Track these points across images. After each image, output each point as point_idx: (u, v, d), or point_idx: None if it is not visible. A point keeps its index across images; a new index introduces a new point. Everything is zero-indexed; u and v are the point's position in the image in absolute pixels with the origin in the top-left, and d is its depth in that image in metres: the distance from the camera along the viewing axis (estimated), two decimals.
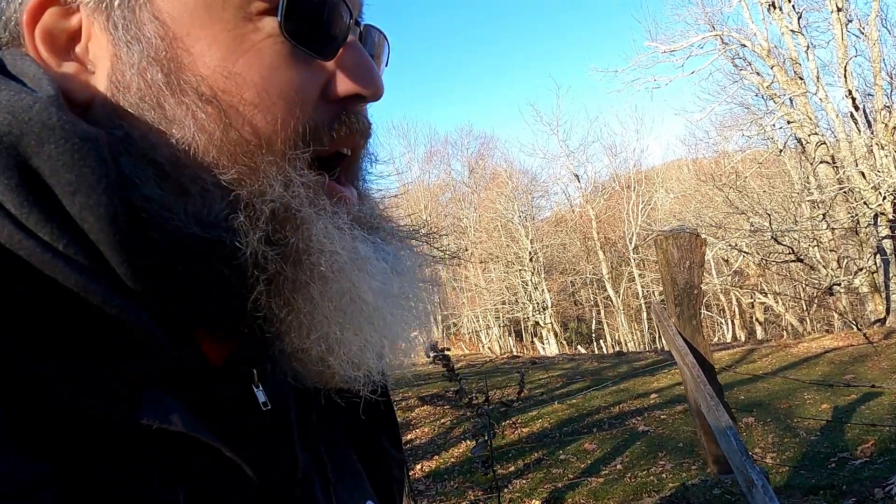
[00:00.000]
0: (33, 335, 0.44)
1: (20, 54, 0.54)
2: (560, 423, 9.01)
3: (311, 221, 0.54)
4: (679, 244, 3.93)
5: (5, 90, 0.46)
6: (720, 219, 21.95)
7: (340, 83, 0.58)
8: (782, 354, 12.67)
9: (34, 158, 0.45)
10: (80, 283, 0.45)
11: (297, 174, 0.54)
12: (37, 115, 0.45)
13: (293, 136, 0.54)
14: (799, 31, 16.99)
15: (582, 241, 39.21)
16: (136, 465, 0.46)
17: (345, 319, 0.55)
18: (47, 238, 0.45)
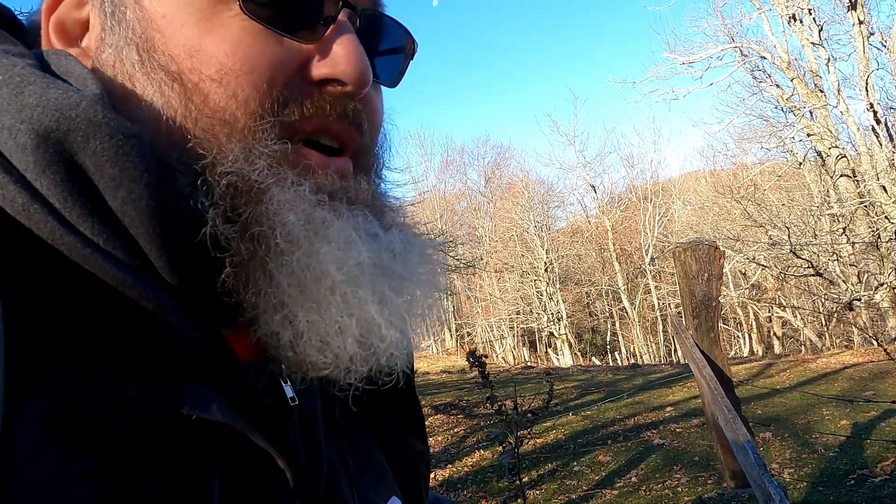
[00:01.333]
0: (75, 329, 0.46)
1: (64, 54, 0.56)
2: (574, 434, 8.96)
3: (267, 191, 0.53)
4: (697, 256, 3.92)
5: (54, 89, 0.48)
6: (738, 231, 21.75)
7: (316, 66, 0.57)
8: (801, 369, 12.51)
9: (80, 154, 0.47)
10: (119, 278, 0.46)
11: (257, 144, 0.53)
12: (83, 112, 0.47)
13: (257, 109, 0.54)
14: (820, 44, 16.86)
15: (598, 252, 39.01)
16: (176, 453, 0.48)
17: (305, 296, 0.53)
18: (88, 233, 0.46)
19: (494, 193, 43.78)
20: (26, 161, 0.46)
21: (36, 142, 0.46)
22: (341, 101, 0.58)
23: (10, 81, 0.48)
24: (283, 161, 0.54)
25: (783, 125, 19.11)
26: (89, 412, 0.44)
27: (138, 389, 0.46)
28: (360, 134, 0.61)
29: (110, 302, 0.47)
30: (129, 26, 0.56)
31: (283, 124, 0.56)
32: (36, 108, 0.47)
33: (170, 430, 0.47)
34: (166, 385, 0.48)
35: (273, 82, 0.55)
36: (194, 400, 0.48)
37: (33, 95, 0.47)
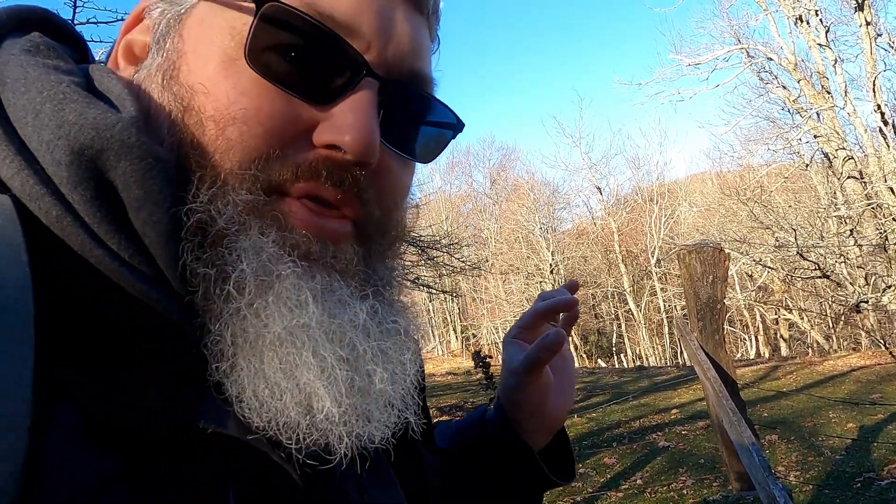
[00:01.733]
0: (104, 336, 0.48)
1: (107, 71, 0.59)
2: (580, 436, 8.95)
3: (228, 237, 0.53)
4: (702, 258, 3.91)
5: (93, 109, 0.50)
6: (744, 233, 21.68)
7: (321, 130, 0.57)
8: (807, 372, 12.46)
9: (111, 172, 0.49)
10: (144, 291, 0.49)
11: (231, 192, 0.53)
12: (118, 133, 0.49)
13: (244, 160, 0.54)
14: (826, 45, 16.79)
15: (603, 254, 38.95)
16: (193, 462, 0.49)
17: (249, 349, 0.52)
18: (115, 247, 0.49)
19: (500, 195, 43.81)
20: (61, 175, 0.49)
21: (71, 158, 0.48)
22: (340, 169, 0.57)
23: (54, 98, 0.51)
24: (253, 212, 0.54)
25: (790, 127, 19.05)
26: (108, 418, 0.46)
27: (158, 399, 0.48)
28: (361, 204, 0.60)
29: (135, 312, 0.49)
30: (165, 54, 0.59)
31: (269, 181, 0.55)
32: (74, 126, 0.49)
33: (187, 440, 0.49)
34: (185, 396, 0.50)
35: (269, 139, 0.55)
36: (210, 413, 0.50)
37: (73, 113, 0.50)
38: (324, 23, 0.56)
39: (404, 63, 0.62)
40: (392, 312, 0.62)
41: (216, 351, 0.52)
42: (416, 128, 0.67)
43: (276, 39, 0.55)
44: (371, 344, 0.57)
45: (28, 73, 0.53)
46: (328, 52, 0.57)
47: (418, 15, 0.65)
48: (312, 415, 0.53)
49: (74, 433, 0.44)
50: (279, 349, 0.52)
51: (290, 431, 0.52)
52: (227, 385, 0.51)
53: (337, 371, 0.54)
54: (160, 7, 0.62)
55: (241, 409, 0.51)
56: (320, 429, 0.53)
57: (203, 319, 0.52)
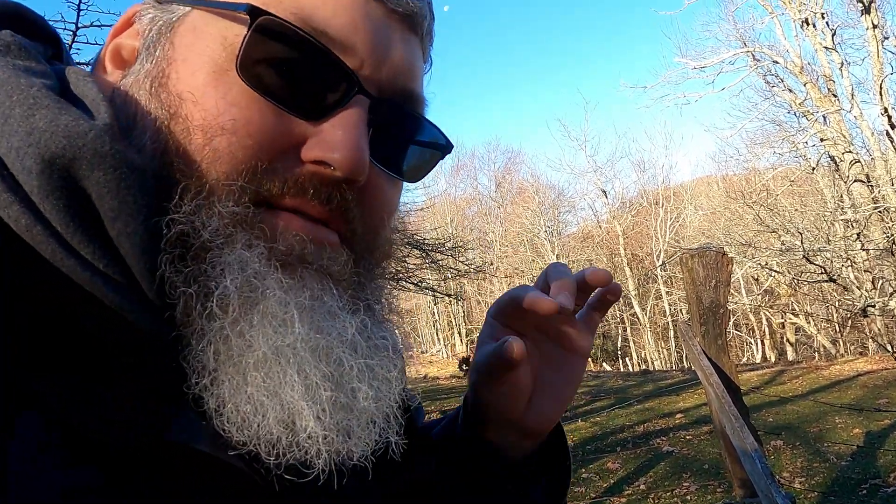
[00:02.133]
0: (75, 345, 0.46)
1: (83, 75, 0.58)
2: (583, 440, 8.91)
3: (212, 250, 0.52)
4: (705, 263, 3.88)
5: (65, 115, 0.49)
6: (750, 237, 21.60)
7: (310, 146, 0.56)
8: (813, 376, 12.40)
9: (84, 181, 0.48)
10: (117, 301, 0.48)
11: (217, 203, 0.52)
12: (91, 142, 0.48)
13: (231, 172, 0.53)
14: (833, 48, 16.75)
15: (608, 258, 38.88)
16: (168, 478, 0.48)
17: (232, 365, 0.51)
18: (89, 257, 0.48)
19: (505, 198, 43.81)
20: (31, 184, 0.47)
21: (41, 166, 0.47)
22: (328, 185, 0.57)
23: (24, 102, 0.49)
24: (240, 224, 0.53)
25: (796, 130, 19.00)
26: (83, 429, 0.45)
27: (134, 412, 0.47)
28: (347, 222, 0.60)
29: (108, 323, 0.48)
30: (155, 61, 0.58)
31: (257, 194, 0.54)
32: (45, 133, 0.48)
33: (163, 454, 0.48)
34: (158, 409, 0.49)
35: (257, 151, 0.54)
36: (183, 428, 0.49)
37: (44, 119, 0.48)
38: (318, 38, 0.55)
39: (397, 82, 0.61)
40: (381, 329, 0.61)
41: (197, 365, 0.50)
42: (406, 147, 0.67)
43: (269, 52, 0.54)
44: (358, 360, 0.56)
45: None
46: (321, 68, 0.56)
47: (412, 35, 0.64)
48: (295, 433, 0.52)
49: (39, 443, 0.43)
50: (263, 368, 0.51)
51: (271, 447, 0.51)
52: (207, 398, 0.50)
53: (321, 390, 0.53)
54: (151, 13, 0.61)
55: (221, 423, 0.50)
56: (301, 446, 0.52)
57: (183, 333, 0.51)
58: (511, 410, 0.75)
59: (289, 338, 0.52)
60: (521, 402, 0.75)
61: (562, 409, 0.77)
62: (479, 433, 0.78)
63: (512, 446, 0.78)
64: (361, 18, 0.58)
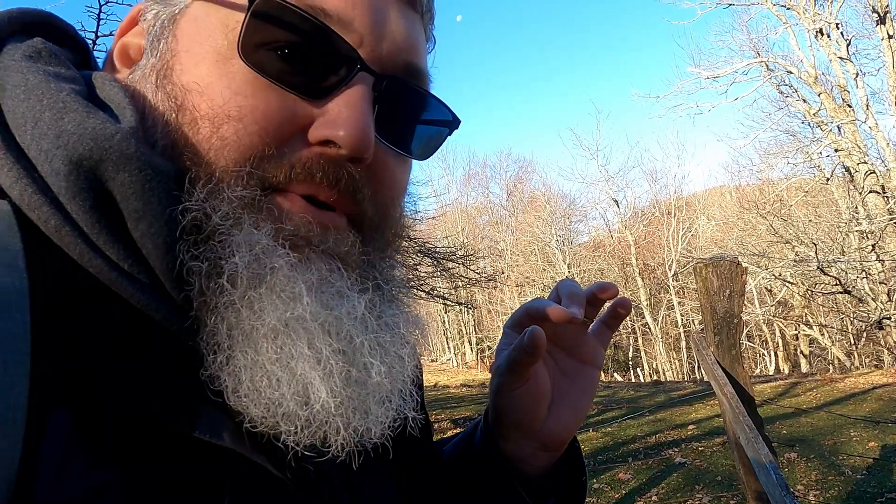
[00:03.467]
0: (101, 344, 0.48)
1: (109, 79, 0.59)
2: (594, 451, 8.86)
3: (220, 231, 0.52)
4: (719, 272, 3.87)
5: (92, 119, 0.50)
6: (764, 247, 21.44)
7: (316, 126, 0.56)
8: (828, 389, 12.26)
9: (109, 183, 0.49)
10: (143, 301, 0.49)
11: (226, 189, 0.53)
12: (117, 144, 0.49)
13: (239, 158, 0.54)
14: (847, 59, 16.65)
15: (620, 268, 38.68)
16: (190, 470, 0.49)
17: (244, 340, 0.52)
18: (114, 257, 0.49)
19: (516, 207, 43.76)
20: (59, 185, 0.49)
21: (69, 168, 0.48)
22: (336, 166, 0.57)
23: (54, 107, 0.51)
24: (248, 206, 0.54)
25: (810, 140, 18.85)
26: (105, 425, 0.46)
27: (155, 407, 0.48)
28: (356, 203, 0.60)
29: (133, 321, 0.50)
30: (159, 54, 0.59)
31: (265, 179, 0.55)
32: (73, 136, 0.49)
33: (185, 448, 0.49)
34: (183, 406, 0.50)
35: (264, 137, 0.54)
36: (208, 424, 0.50)
37: (72, 123, 0.50)
38: (316, 16, 0.56)
39: (399, 58, 0.61)
40: (391, 308, 0.62)
41: (212, 344, 0.51)
42: (412, 124, 0.66)
43: (269, 35, 0.55)
44: (369, 336, 0.56)
45: (28, 80, 0.53)
46: (321, 47, 0.57)
47: (412, 11, 0.64)
48: (310, 405, 0.52)
49: (69, 441, 0.44)
50: (274, 340, 0.52)
51: (289, 422, 0.52)
52: (223, 377, 0.51)
53: (332, 362, 0.53)
54: (154, 9, 0.62)
55: (238, 400, 0.51)
56: (318, 419, 0.53)
57: (198, 314, 0.52)
58: (531, 418, 0.76)
59: (297, 310, 0.52)
60: (541, 408, 0.76)
61: (579, 420, 0.78)
62: (497, 446, 0.79)
63: (530, 458, 0.78)
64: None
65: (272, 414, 0.51)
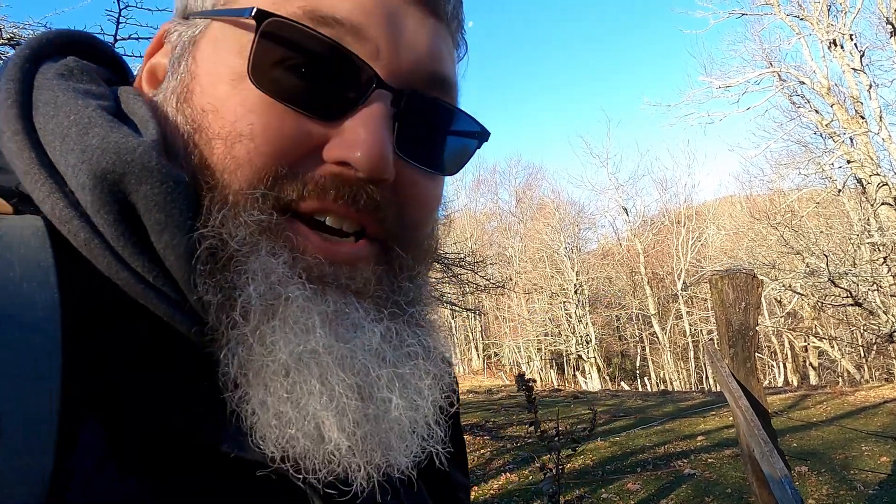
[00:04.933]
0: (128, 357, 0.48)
1: (133, 94, 0.60)
2: (602, 460, 8.81)
3: (236, 259, 0.52)
4: (735, 285, 3.85)
5: (116, 133, 0.51)
6: (774, 258, 21.31)
7: (330, 146, 0.55)
8: (838, 402, 12.15)
9: (132, 195, 0.50)
10: (168, 313, 0.50)
11: (242, 212, 0.53)
12: (139, 157, 0.50)
13: (252, 178, 0.53)
14: (861, 70, 16.58)
15: (629, 276, 38.57)
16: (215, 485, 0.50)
17: (256, 377, 0.51)
18: (140, 269, 0.50)
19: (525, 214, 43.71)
20: (86, 199, 0.50)
21: (94, 181, 0.49)
22: (353, 185, 0.55)
23: (80, 122, 0.52)
24: (265, 231, 0.53)
25: (822, 151, 18.76)
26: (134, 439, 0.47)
27: (183, 420, 0.49)
28: (378, 223, 0.58)
29: (160, 334, 0.50)
30: (179, 77, 0.59)
31: (278, 199, 0.54)
32: (97, 150, 0.50)
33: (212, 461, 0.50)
34: (209, 420, 0.51)
35: (277, 156, 0.54)
36: (232, 438, 0.51)
37: (96, 137, 0.51)
38: (327, 27, 0.54)
39: (420, 69, 0.59)
40: (414, 334, 0.59)
41: (229, 380, 0.51)
42: (438, 138, 0.64)
43: (280, 55, 0.54)
44: (386, 370, 0.55)
45: (58, 98, 0.54)
46: (335, 64, 0.55)
47: (434, 18, 0.61)
48: (323, 445, 0.52)
49: (98, 453, 0.45)
50: (286, 377, 0.51)
51: (305, 461, 0.51)
52: (241, 414, 0.51)
53: (345, 399, 0.52)
54: (178, 30, 0.62)
55: (255, 439, 0.51)
56: (334, 457, 0.52)
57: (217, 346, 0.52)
58: None
59: (310, 343, 0.51)
60: None
61: None
62: None
63: None
64: (375, 8, 0.56)
65: (288, 453, 0.51)
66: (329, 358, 0.52)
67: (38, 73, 0.57)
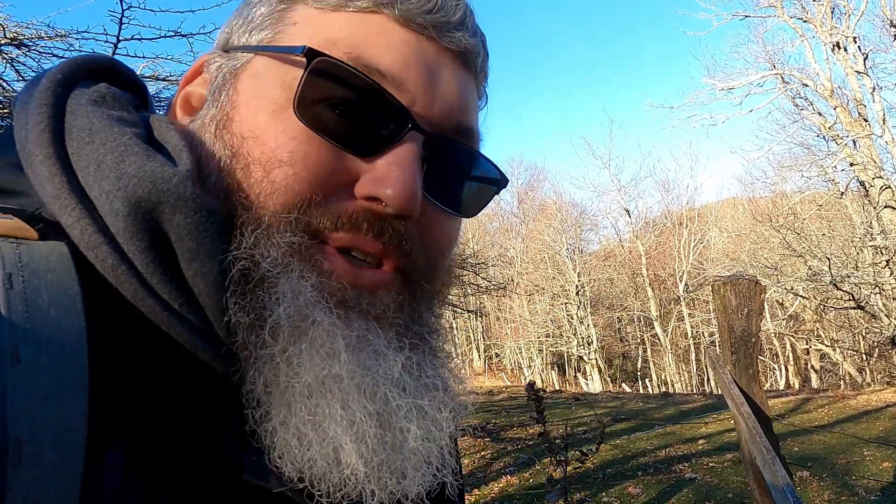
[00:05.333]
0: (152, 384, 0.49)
1: (166, 122, 0.61)
2: (603, 463, 8.80)
3: (268, 279, 0.53)
4: (738, 290, 3.84)
5: (152, 162, 0.52)
6: (776, 261, 21.30)
7: (363, 182, 0.58)
8: (840, 406, 12.13)
9: (165, 224, 0.51)
10: (192, 341, 0.51)
11: (275, 234, 0.55)
12: (174, 187, 0.51)
13: (287, 203, 0.55)
14: (865, 73, 16.56)
15: (630, 277, 38.56)
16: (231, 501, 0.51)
17: (279, 397, 0.52)
18: (166, 297, 0.51)
19: (527, 215, 43.72)
20: (118, 225, 0.50)
21: (128, 209, 0.50)
22: (382, 220, 0.58)
23: (116, 150, 0.53)
24: (296, 253, 0.55)
25: (825, 154, 18.74)
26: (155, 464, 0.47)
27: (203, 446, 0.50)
28: (403, 255, 0.61)
29: (184, 362, 0.51)
30: (220, 105, 0.61)
31: (309, 225, 0.56)
32: (133, 178, 0.51)
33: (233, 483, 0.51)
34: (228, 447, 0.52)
35: (313, 184, 0.56)
36: (254, 467, 0.52)
37: (133, 165, 0.51)
38: (371, 76, 0.57)
39: (450, 118, 0.63)
40: (432, 365, 0.62)
41: (252, 398, 0.52)
42: (461, 182, 0.68)
43: (325, 92, 0.57)
44: (406, 400, 0.57)
45: (93, 124, 0.54)
46: (374, 106, 0.58)
47: (466, 72, 0.66)
48: (340, 469, 0.53)
49: (123, 478, 0.46)
50: (309, 399, 0.53)
51: (321, 483, 0.52)
52: (261, 433, 0.52)
53: (366, 426, 0.53)
54: (218, 62, 0.65)
55: (273, 458, 0.52)
56: (350, 482, 0.53)
57: (242, 367, 0.53)
58: None
59: (335, 368, 0.53)
60: None
61: None
62: None
63: None
64: (413, 55, 0.60)
65: (305, 474, 0.52)
66: (352, 384, 0.54)
67: (71, 99, 0.58)
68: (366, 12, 0.60)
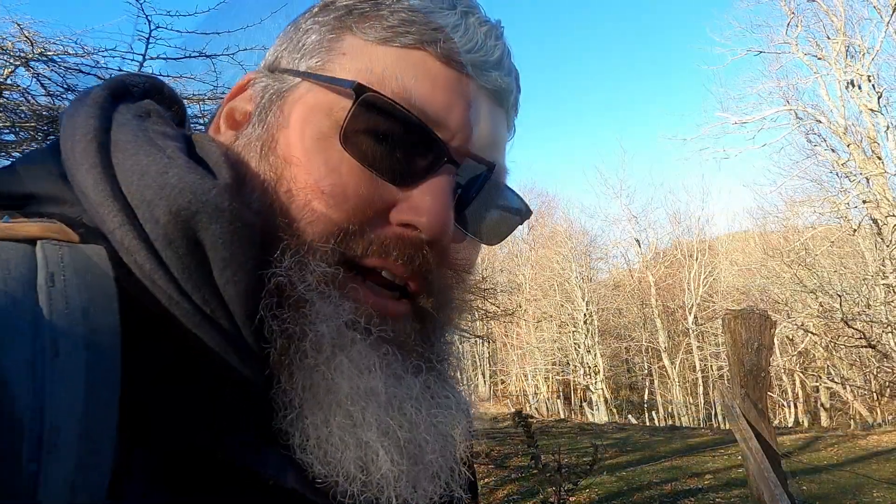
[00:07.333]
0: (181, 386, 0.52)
1: (208, 139, 0.65)
2: (608, 495, 8.69)
3: (309, 301, 0.57)
4: (748, 325, 3.84)
5: (192, 174, 0.55)
6: (787, 296, 21.13)
7: (399, 209, 0.61)
8: (850, 445, 11.95)
9: (202, 233, 0.54)
10: (221, 345, 0.54)
11: (312, 261, 0.58)
12: (213, 198, 0.54)
13: (324, 232, 0.59)
14: (879, 111, 16.59)
15: (639, 308, 38.27)
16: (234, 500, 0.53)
17: (316, 402, 0.56)
18: (199, 301, 0.53)
19: (537, 241, 43.60)
20: (157, 232, 0.53)
21: (168, 217, 0.53)
22: (412, 247, 0.62)
23: (160, 162, 0.56)
24: (332, 283, 0.58)
25: (837, 190, 18.73)
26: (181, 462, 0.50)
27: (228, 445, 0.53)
28: (426, 281, 0.64)
29: (213, 364, 0.54)
30: (266, 126, 0.65)
31: (344, 255, 0.60)
32: (175, 189, 0.54)
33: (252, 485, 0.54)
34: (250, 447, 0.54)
35: (350, 214, 0.60)
36: (274, 465, 0.55)
37: (175, 177, 0.55)
38: (414, 112, 0.61)
39: (482, 152, 0.66)
40: (444, 388, 0.65)
41: (285, 401, 0.56)
42: (487, 212, 0.71)
43: (370, 124, 0.60)
44: (423, 416, 0.60)
45: (138, 137, 0.58)
46: (416, 140, 0.61)
47: (500, 109, 0.70)
48: (368, 472, 0.56)
49: (150, 477, 0.48)
50: (346, 407, 0.56)
51: (347, 484, 0.55)
52: (293, 432, 0.55)
53: (397, 435, 0.57)
54: (264, 82, 0.68)
55: (304, 456, 0.55)
56: (374, 486, 0.56)
57: (275, 372, 0.56)
58: None
59: (371, 382, 0.57)
60: None
61: None
62: None
63: None
64: (456, 97, 0.64)
65: (334, 474, 0.55)
66: (384, 398, 0.58)
67: (117, 113, 0.61)
68: (410, 48, 0.63)
